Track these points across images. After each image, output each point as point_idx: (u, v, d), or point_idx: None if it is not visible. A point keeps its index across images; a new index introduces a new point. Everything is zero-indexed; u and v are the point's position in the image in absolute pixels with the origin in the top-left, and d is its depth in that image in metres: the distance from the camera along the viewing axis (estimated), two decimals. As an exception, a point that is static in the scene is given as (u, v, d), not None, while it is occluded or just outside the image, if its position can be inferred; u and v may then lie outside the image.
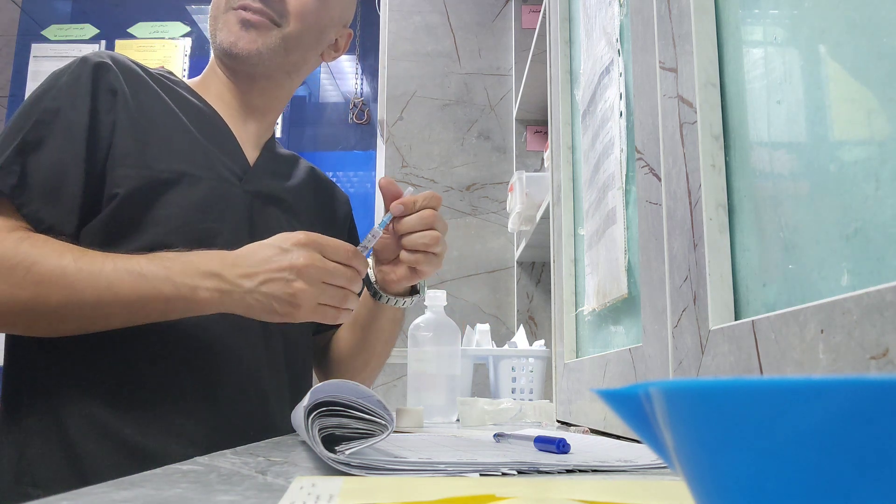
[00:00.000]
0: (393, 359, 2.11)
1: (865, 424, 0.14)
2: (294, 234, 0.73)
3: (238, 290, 0.71)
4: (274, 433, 0.80)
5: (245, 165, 0.90)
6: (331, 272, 0.72)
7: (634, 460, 0.51)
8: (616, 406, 0.20)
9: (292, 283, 0.71)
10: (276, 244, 0.72)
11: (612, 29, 0.85)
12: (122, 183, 0.77)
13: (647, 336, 0.66)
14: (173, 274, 0.70)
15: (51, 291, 0.68)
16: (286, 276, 0.71)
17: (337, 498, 0.32)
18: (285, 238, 0.73)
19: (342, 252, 0.74)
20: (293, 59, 0.92)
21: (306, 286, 0.71)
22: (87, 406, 0.74)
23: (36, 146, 0.75)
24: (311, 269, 0.71)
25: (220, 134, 0.89)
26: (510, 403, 1.07)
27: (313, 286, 0.71)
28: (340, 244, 0.74)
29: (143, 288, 0.69)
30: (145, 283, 0.69)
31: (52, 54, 2.71)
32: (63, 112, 0.77)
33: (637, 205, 0.73)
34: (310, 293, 0.71)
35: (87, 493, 0.32)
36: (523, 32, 2.25)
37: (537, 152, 2.22)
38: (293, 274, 0.71)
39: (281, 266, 0.71)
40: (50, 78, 0.80)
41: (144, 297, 0.69)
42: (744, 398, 0.15)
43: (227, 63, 0.92)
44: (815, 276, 0.41)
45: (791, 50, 0.46)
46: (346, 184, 2.65)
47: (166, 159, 0.80)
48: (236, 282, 0.71)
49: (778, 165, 0.47)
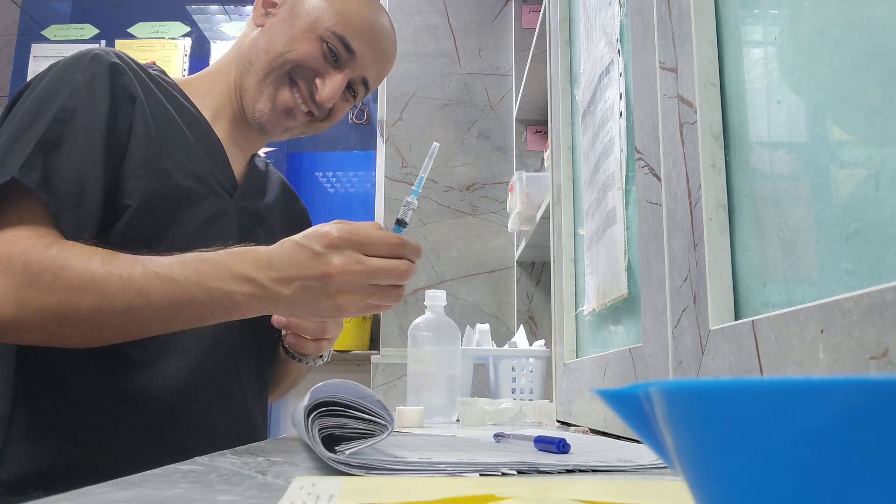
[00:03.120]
0: (393, 359, 2.12)
1: (865, 424, 0.14)
2: (327, 230, 0.66)
3: (275, 298, 0.66)
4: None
5: (233, 180, 0.89)
6: (374, 273, 0.65)
7: (634, 460, 0.51)
8: (616, 406, 0.20)
9: (331, 293, 0.65)
10: (309, 245, 0.66)
11: (612, 29, 0.85)
12: (134, 195, 0.75)
13: (647, 336, 0.66)
14: (206, 279, 0.66)
15: (81, 298, 0.65)
16: (322, 285, 0.65)
17: (337, 498, 0.32)
18: (319, 237, 0.66)
19: (385, 246, 0.66)
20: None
21: (348, 294, 0.65)
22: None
23: (55, 145, 0.71)
24: (349, 277, 0.64)
25: (212, 145, 0.87)
26: (510, 403, 1.07)
27: (356, 292, 0.65)
28: (382, 237, 0.66)
29: (176, 294, 0.66)
30: (178, 289, 0.66)
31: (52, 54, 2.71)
32: (81, 112, 0.73)
33: (637, 205, 0.73)
34: (353, 299, 0.66)
35: (86, 493, 0.32)
36: (523, 32, 2.25)
37: (537, 152, 2.22)
38: (330, 283, 0.65)
39: (315, 274, 0.65)
40: (59, 72, 0.76)
41: (178, 303, 0.66)
42: (744, 398, 0.15)
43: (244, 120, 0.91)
44: (815, 276, 0.41)
45: (791, 50, 0.46)
46: (346, 184, 2.65)
47: (175, 173, 0.79)
48: (273, 288, 0.66)
49: (778, 165, 0.47)
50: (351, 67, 0.88)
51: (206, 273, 0.66)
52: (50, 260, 0.65)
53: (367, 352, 2.25)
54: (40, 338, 0.68)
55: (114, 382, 0.74)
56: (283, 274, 0.66)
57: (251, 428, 0.87)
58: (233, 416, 0.84)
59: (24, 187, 0.68)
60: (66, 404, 0.73)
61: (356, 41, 0.87)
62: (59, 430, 0.72)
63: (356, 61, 0.88)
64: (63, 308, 0.65)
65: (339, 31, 0.86)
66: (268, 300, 0.67)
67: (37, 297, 0.64)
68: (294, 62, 0.86)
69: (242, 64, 0.89)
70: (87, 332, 0.67)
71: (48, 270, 0.65)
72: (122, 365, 0.75)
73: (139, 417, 0.75)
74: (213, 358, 0.82)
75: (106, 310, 0.65)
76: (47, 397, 0.73)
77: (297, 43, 0.86)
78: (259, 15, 0.91)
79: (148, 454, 0.72)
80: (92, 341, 0.69)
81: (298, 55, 0.86)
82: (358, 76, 0.90)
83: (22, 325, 0.65)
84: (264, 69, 0.87)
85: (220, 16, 2.80)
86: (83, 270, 0.65)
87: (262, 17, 0.91)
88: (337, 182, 2.66)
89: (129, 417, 0.74)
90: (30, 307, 0.65)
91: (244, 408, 0.86)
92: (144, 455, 0.73)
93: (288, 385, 1.05)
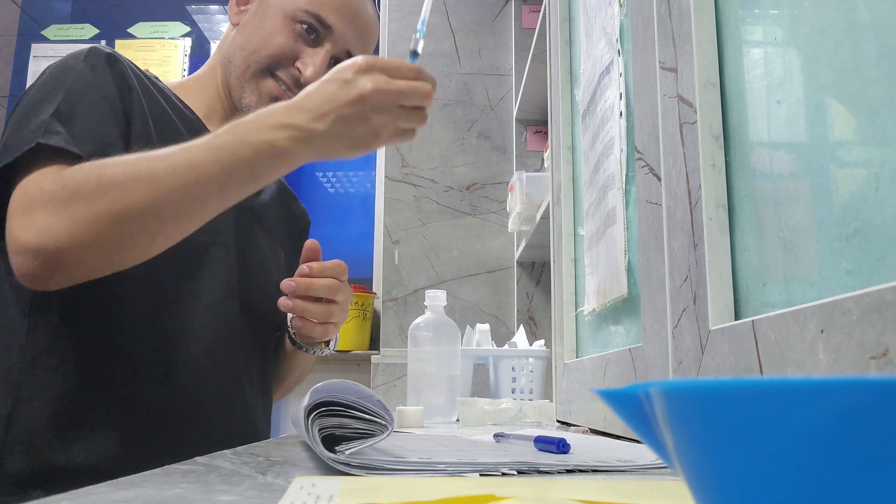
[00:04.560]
0: (393, 359, 2.12)
1: (865, 424, 0.14)
2: (352, 61, 0.68)
3: (313, 136, 0.67)
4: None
5: None
6: (403, 93, 0.67)
7: (634, 460, 0.51)
8: (616, 406, 0.20)
9: (367, 115, 0.67)
10: (336, 78, 0.68)
11: (612, 29, 0.85)
12: None
13: (647, 336, 0.66)
14: (245, 136, 0.66)
15: (132, 189, 0.64)
16: (358, 108, 0.67)
17: (337, 498, 0.32)
18: (345, 69, 0.68)
19: (406, 70, 0.68)
20: None
21: (382, 114, 0.67)
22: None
23: (69, 117, 0.71)
24: (381, 95, 0.67)
25: None
26: (510, 403, 1.07)
27: (389, 112, 0.68)
28: (402, 63, 0.69)
29: (223, 158, 0.66)
30: (222, 154, 0.66)
31: (51, 54, 2.71)
32: (89, 92, 0.74)
33: (637, 205, 0.73)
34: (387, 120, 0.68)
35: (86, 493, 0.32)
36: (523, 32, 2.25)
37: (537, 152, 2.22)
38: (365, 104, 0.67)
39: (350, 99, 0.66)
40: (59, 66, 0.76)
41: (227, 165, 0.66)
42: (744, 398, 0.15)
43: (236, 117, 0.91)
44: (815, 276, 0.41)
45: (791, 50, 0.46)
46: (346, 184, 2.65)
47: None
48: (310, 127, 0.67)
49: (778, 165, 0.47)
50: (331, 42, 0.88)
51: (244, 132, 0.67)
52: (86, 170, 0.65)
53: (367, 352, 2.25)
54: (101, 254, 0.66)
55: (114, 382, 0.74)
56: (316, 112, 0.67)
57: (252, 428, 0.87)
58: (234, 416, 0.84)
59: (49, 151, 0.68)
60: (66, 404, 0.73)
61: (331, 16, 0.87)
62: (59, 430, 0.72)
63: (334, 35, 0.88)
64: (116, 206, 0.63)
65: (312, 9, 0.86)
66: (307, 141, 0.67)
67: (84, 206, 0.63)
68: (269, 57, 0.86)
69: (224, 63, 0.90)
70: (149, 225, 0.65)
71: (88, 178, 0.64)
72: (123, 365, 0.75)
73: (140, 417, 0.75)
74: (214, 357, 0.82)
75: (162, 192, 0.64)
76: (47, 397, 0.73)
77: (270, 37, 0.86)
78: (234, 13, 0.92)
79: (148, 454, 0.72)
80: (156, 235, 0.67)
81: (272, 50, 0.86)
82: (340, 50, 0.89)
83: (80, 244, 0.64)
84: (242, 66, 0.88)
85: (220, 16, 2.80)
86: (125, 165, 0.65)
87: (237, 14, 0.92)
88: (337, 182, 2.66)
89: (129, 417, 0.74)
90: (81, 220, 0.63)
91: (244, 407, 0.86)
92: (145, 455, 0.73)
93: (293, 381, 1.05)
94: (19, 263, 0.66)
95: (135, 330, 0.77)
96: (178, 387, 0.78)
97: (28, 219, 0.65)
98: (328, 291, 0.82)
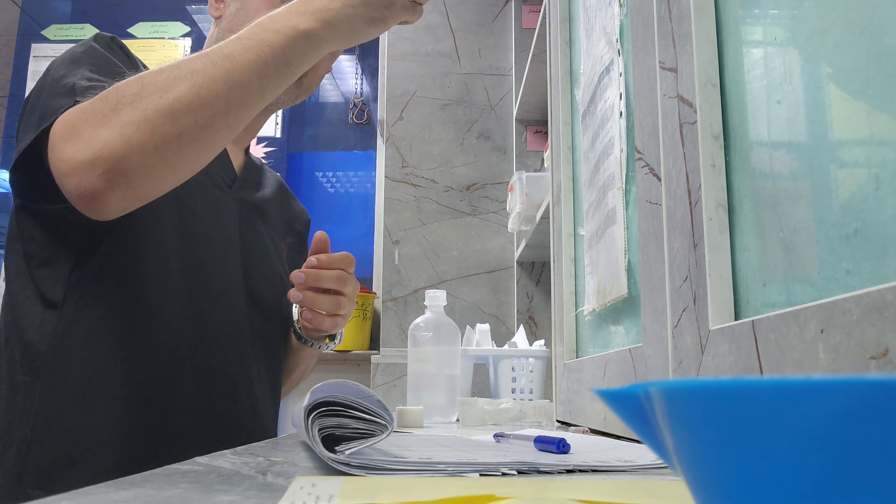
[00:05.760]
0: (393, 359, 2.12)
1: (865, 424, 0.14)
2: None
3: (333, 13, 0.70)
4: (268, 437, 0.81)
5: (232, 172, 0.90)
6: None
7: (634, 460, 0.51)
8: (616, 406, 0.20)
9: None
10: None
11: (612, 29, 0.85)
12: None
13: (647, 336, 0.66)
14: (272, 25, 0.69)
15: (177, 84, 0.64)
16: None
17: (337, 498, 0.32)
18: None
19: None
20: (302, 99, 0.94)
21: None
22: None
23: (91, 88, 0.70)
24: None
25: None
26: (510, 403, 1.07)
27: None
28: None
29: (255, 46, 0.67)
30: (253, 42, 0.67)
31: (51, 54, 2.71)
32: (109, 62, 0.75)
33: (637, 205, 0.73)
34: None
35: (86, 493, 0.32)
36: (523, 32, 2.25)
37: (537, 152, 2.22)
38: None
39: None
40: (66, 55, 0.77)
41: (261, 53, 0.67)
42: (744, 398, 0.15)
43: None
44: (815, 276, 0.41)
45: (791, 50, 0.46)
46: (346, 184, 2.65)
47: None
48: (328, 7, 0.70)
49: (778, 165, 0.47)
50: None
51: (271, 21, 0.69)
52: (125, 81, 0.65)
53: (367, 352, 2.25)
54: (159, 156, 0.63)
55: (117, 381, 0.74)
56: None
57: (261, 426, 0.87)
58: (243, 414, 0.84)
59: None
60: (68, 404, 0.73)
61: None
62: (60, 430, 0.72)
63: None
64: (164, 102, 0.63)
65: None
66: (328, 22, 0.70)
67: (131, 109, 0.62)
68: None
69: None
70: (200, 118, 0.64)
71: (129, 85, 0.64)
72: (127, 363, 0.75)
73: (141, 417, 0.75)
74: (222, 355, 0.82)
75: (207, 82, 0.64)
76: (48, 397, 0.73)
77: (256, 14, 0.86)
78: (214, 8, 0.93)
79: (149, 454, 0.72)
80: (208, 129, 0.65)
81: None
82: None
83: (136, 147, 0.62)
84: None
85: (220, 16, 2.81)
86: (163, 69, 0.66)
87: (217, 8, 0.93)
88: (337, 182, 2.66)
89: (131, 416, 0.74)
90: (132, 122, 0.62)
91: (254, 406, 0.86)
92: (146, 454, 0.73)
93: (298, 376, 1.05)
94: (76, 184, 0.63)
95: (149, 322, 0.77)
96: (184, 386, 0.78)
97: (76, 138, 0.63)
98: (337, 282, 0.82)
